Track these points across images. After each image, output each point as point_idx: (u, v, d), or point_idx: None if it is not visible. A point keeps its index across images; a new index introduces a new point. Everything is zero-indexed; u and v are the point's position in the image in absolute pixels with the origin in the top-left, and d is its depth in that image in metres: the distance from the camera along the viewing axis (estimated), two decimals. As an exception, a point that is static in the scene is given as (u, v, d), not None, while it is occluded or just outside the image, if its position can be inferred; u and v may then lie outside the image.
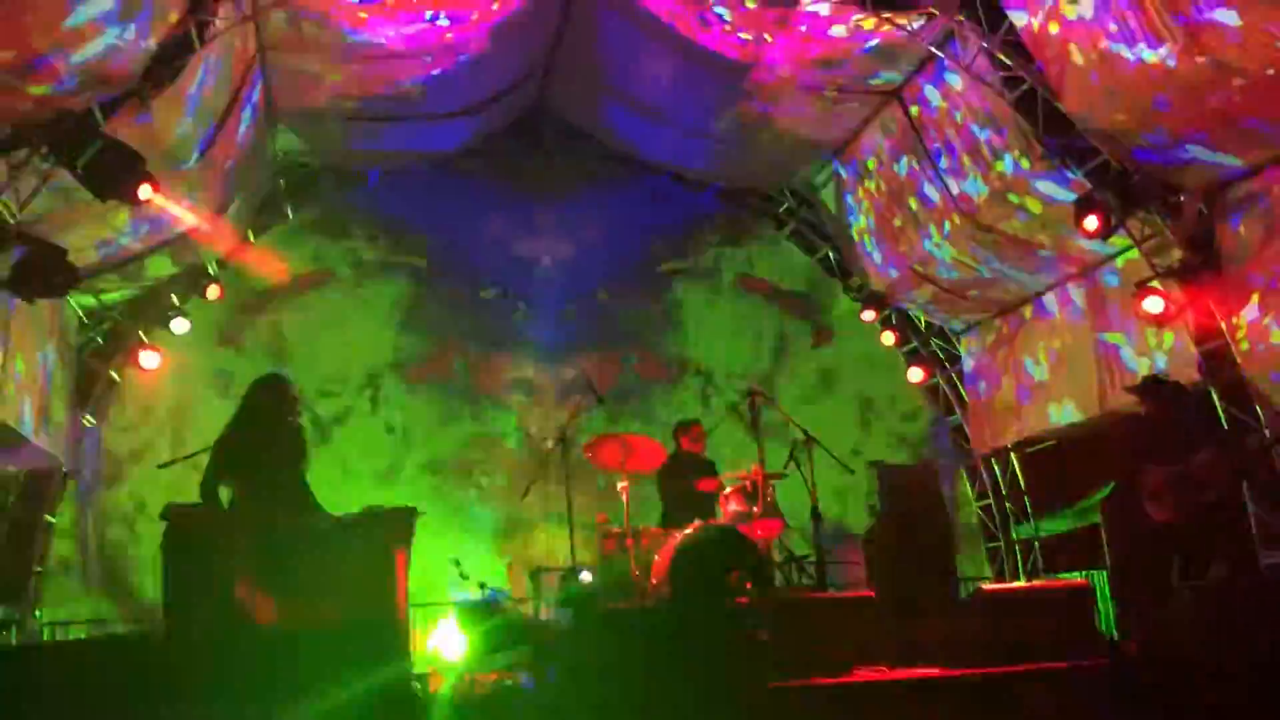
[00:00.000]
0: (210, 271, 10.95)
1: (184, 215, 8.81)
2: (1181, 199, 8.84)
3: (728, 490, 8.67)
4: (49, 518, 10.52)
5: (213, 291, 10.95)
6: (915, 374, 12.54)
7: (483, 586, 9.60)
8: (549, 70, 11.19)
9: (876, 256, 11.75)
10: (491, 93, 10.84)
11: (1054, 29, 7.97)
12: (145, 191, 7.48)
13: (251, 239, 11.59)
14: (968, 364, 12.30)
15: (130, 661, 6.00)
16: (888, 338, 12.47)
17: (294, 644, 5.89)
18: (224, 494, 6.63)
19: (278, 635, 5.93)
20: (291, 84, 9.59)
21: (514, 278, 12.35)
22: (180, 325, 10.80)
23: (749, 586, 7.55)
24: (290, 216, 11.84)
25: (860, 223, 11.76)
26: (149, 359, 10.68)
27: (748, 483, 8.56)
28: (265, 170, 10.90)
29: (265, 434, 6.74)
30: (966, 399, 12.39)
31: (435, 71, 9.74)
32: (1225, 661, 6.08)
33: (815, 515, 8.53)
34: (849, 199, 11.74)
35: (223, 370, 11.25)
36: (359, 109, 10.18)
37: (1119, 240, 9.23)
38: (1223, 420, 8.80)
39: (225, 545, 6.16)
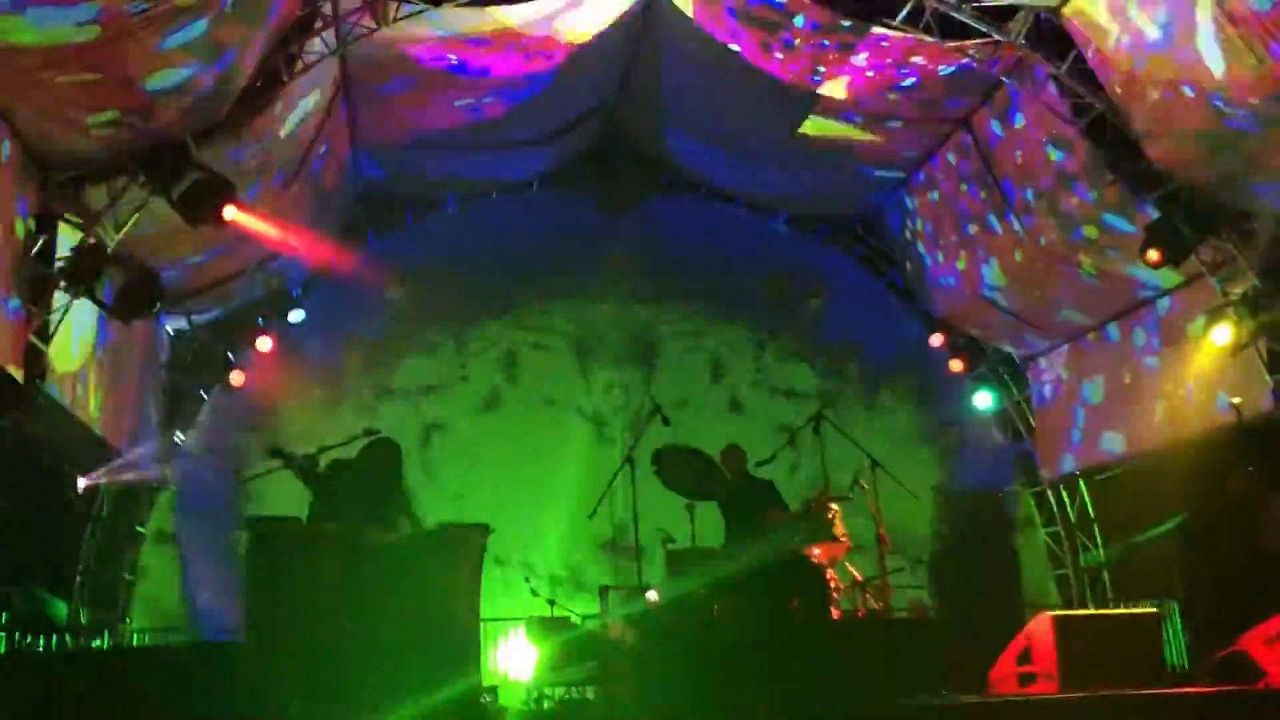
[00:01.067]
0: (294, 295, 11.37)
1: (273, 232, 9.06)
2: (1255, 225, 8.78)
3: (790, 513, 8.74)
4: (139, 528, 10.98)
5: (296, 315, 11.34)
6: (983, 399, 12.53)
7: (552, 604, 9.81)
8: (621, 99, 11.43)
9: (942, 282, 11.79)
10: (565, 122, 11.10)
11: (1123, 59, 7.99)
12: (230, 212, 7.81)
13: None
14: (1035, 391, 12.26)
15: (213, 667, 6.26)
16: (955, 364, 12.45)
17: (369, 654, 6.10)
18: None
19: (353, 647, 6.14)
20: (374, 114, 9.95)
21: (587, 303, 12.56)
22: (264, 344, 11.22)
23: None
24: (371, 242, 12.21)
25: (928, 249, 11.81)
26: (237, 377, 11.12)
27: (812, 506, 8.64)
28: (348, 197, 11.29)
29: (369, 498, 7.05)
30: (1034, 425, 12.34)
31: (512, 102, 10.04)
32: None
33: (879, 539, 8.60)
34: (916, 225, 11.80)
35: (309, 388, 11.61)
36: (438, 138, 10.51)
37: (1188, 269, 9.18)
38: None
39: (306, 558, 6.41)
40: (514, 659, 9.47)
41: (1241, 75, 7.22)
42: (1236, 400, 9.08)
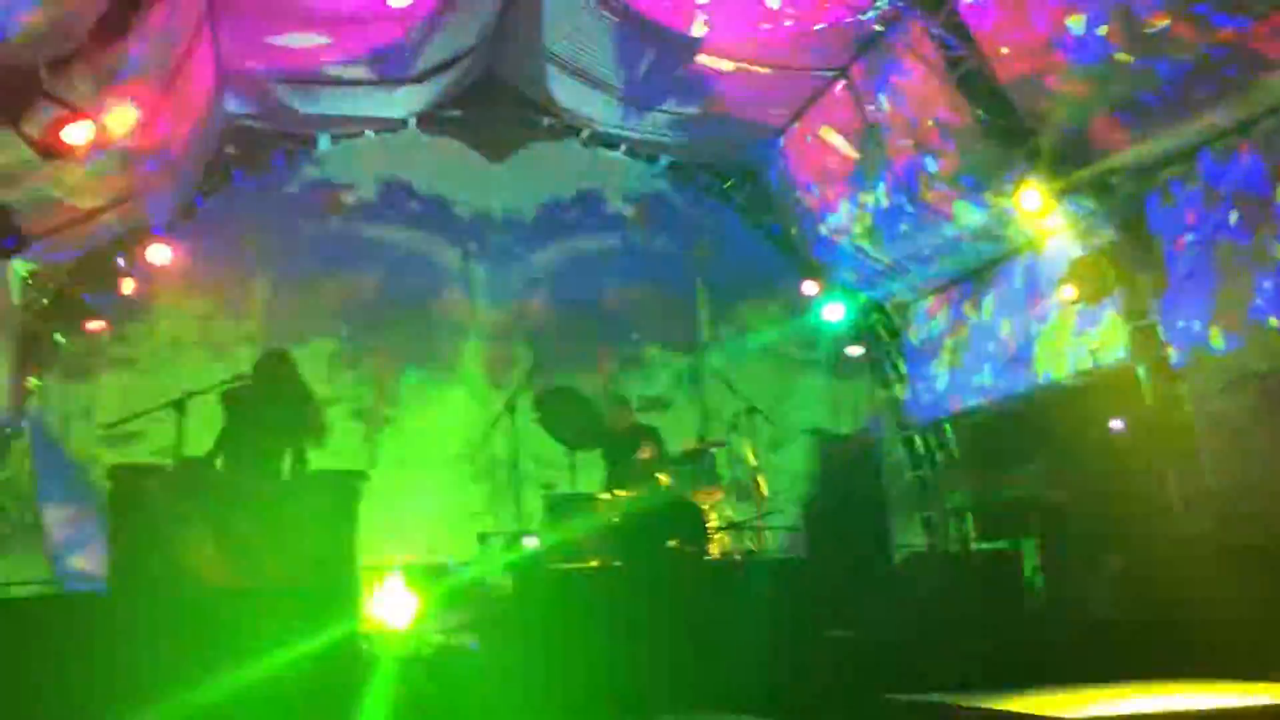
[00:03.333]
0: (157, 233, 10.90)
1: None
2: (1114, 181, 9.13)
3: (668, 457, 8.84)
4: (-9, 479, 10.50)
5: (159, 253, 10.88)
6: (855, 349, 12.83)
7: (431, 550, 9.73)
8: (500, 40, 11.20)
9: (818, 232, 11.97)
10: (442, 60, 10.84)
11: (991, 12, 8.18)
12: (76, 133, 7.35)
13: (198, 203, 11.54)
14: (907, 338, 12.60)
15: (75, 620, 6.04)
16: (829, 313, 12.67)
17: (241, 604, 5.98)
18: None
19: (225, 595, 6.01)
20: (241, 47, 9.55)
21: (463, 248, 12.37)
22: (127, 286, 10.77)
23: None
24: (237, 180, 11.76)
25: (804, 199, 11.96)
26: (95, 324, 10.66)
27: (691, 451, 8.76)
28: (213, 133, 10.84)
29: (267, 405, 6.94)
30: (905, 372, 12.69)
31: (386, 36, 9.75)
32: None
33: (756, 483, 8.77)
34: (793, 175, 11.92)
35: (170, 330, 11.22)
36: (308, 73, 10.16)
37: (1051, 222, 9.50)
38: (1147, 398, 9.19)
39: (172, 505, 6.23)
40: (391, 607, 9.38)
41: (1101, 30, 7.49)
42: (1094, 348, 9.53)
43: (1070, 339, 10.03)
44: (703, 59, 10.14)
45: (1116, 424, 9.26)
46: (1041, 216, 9.23)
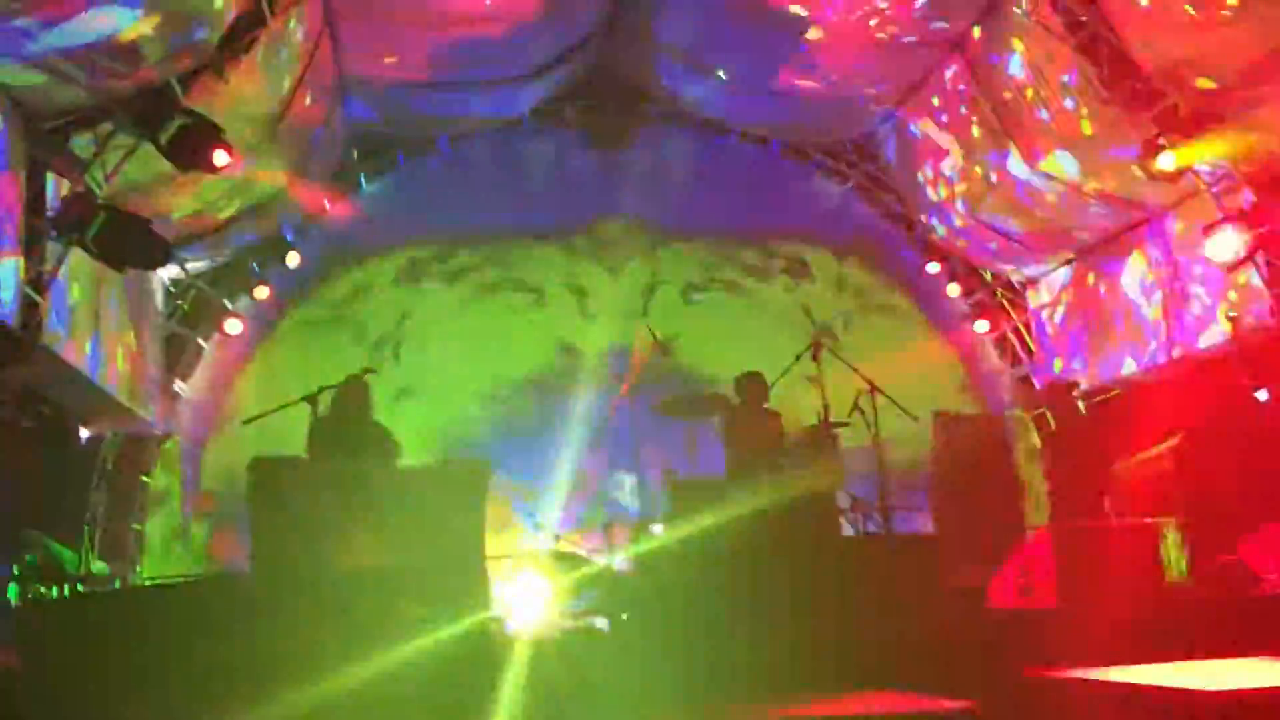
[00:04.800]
0: (289, 239, 11.35)
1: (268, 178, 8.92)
2: (1252, 140, 8.72)
3: (793, 439, 8.78)
4: (145, 479, 11.04)
5: (292, 258, 11.34)
6: (982, 325, 12.54)
7: (557, 538, 9.90)
8: (610, 30, 11.28)
9: (939, 208, 11.73)
10: (555, 55, 10.97)
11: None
12: (222, 158, 7.73)
13: (327, 207, 11.93)
14: (1034, 313, 12.26)
15: (221, 600, 6.31)
16: (953, 289, 12.45)
17: (376, 588, 6.16)
18: None
19: (361, 579, 6.19)
20: (360, 52, 9.84)
21: (581, 238, 12.52)
22: (261, 292, 11.23)
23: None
24: (363, 185, 12.12)
25: (923, 174, 11.74)
26: (233, 325, 11.12)
27: (812, 431, 8.68)
28: (336, 139, 11.19)
29: (349, 433, 7.19)
30: (1034, 349, 12.36)
31: (500, 35, 9.92)
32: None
33: (879, 463, 8.63)
34: (911, 151, 11.71)
35: (304, 333, 11.65)
36: (427, 76, 10.40)
37: (1186, 185, 9.13)
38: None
39: (309, 494, 6.46)
40: (522, 594, 9.58)
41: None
42: (1233, 314, 9.13)
43: (1208, 307, 9.63)
44: (814, 35, 10.02)
45: (1261, 392, 8.86)
46: (1175, 181, 8.87)
